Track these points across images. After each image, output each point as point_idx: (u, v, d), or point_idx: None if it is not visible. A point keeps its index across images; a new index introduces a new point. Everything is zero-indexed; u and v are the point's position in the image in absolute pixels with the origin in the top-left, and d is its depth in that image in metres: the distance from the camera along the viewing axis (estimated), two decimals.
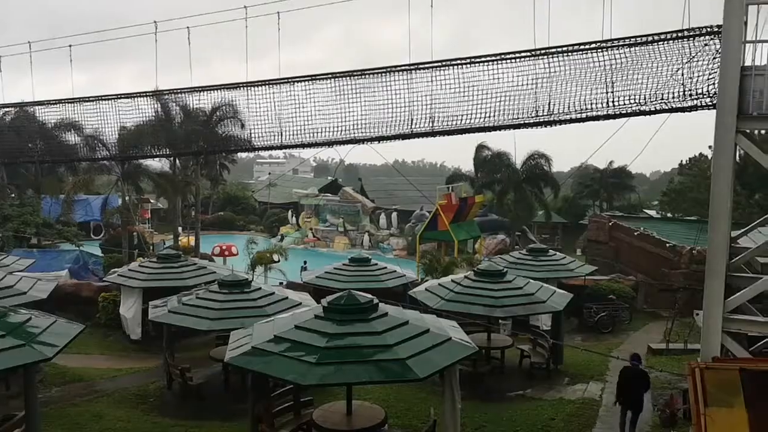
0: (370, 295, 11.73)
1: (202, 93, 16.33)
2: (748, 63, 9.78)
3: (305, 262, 34.19)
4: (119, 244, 33.43)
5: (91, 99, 17.32)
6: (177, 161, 36.89)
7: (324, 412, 12.39)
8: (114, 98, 17.12)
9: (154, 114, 19.38)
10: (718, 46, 10.71)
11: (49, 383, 16.53)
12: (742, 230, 13.98)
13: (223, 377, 16.47)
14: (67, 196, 34.41)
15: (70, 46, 18.12)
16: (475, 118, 12.92)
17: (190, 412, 15.12)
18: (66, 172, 38.32)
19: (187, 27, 16.36)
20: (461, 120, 13.07)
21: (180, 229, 41.38)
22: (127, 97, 17.06)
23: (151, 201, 50.83)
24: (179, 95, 17.31)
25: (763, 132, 28.90)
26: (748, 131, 10.20)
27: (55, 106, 17.95)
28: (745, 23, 9.76)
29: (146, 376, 17.68)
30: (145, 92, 17.55)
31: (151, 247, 37.55)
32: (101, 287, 23.49)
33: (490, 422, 14.29)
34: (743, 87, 9.72)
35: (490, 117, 12.81)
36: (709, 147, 42.25)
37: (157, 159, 34.14)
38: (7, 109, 22.22)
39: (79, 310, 21.39)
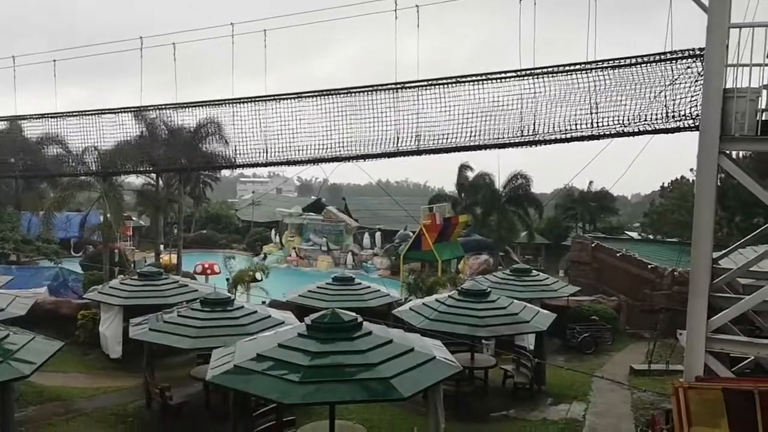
0: (354, 314, 11.66)
1: (187, 109, 16.31)
2: (729, 85, 9.93)
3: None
4: (100, 262, 33.05)
5: (74, 114, 17.23)
6: (160, 178, 36.71)
7: None
8: (98, 113, 17.04)
9: (138, 130, 19.24)
10: (700, 69, 10.86)
11: (26, 402, 16.20)
12: (724, 251, 14.10)
13: (204, 396, 16.24)
14: (46, 212, 34.04)
15: (54, 61, 18.05)
16: (461, 137, 12.99)
17: None
18: (47, 187, 37.97)
19: (173, 43, 16.37)
20: (447, 139, 13.13)
21: (162, 246, 41.05)
22: (111, 113, 16.98)
23: (133, 218, 50.41)
24: (165, 111, 17.24)
25: (742, 154, 29.43)
26: (730, 152, 10.32)
27: (38, 120, 17.85)
28: (727, 46, 9.91)
29: (125, 396, 17.39)
30: (129, 108, 17.48)
31: (132, 265, 37.18)
32: (81, 305, 23.16)
33: None
34: (725, 109, 9.86)
35: (475, 136, 12.89)
36: (691, 170, 42.82)
37: (138, 176, 34.00)
38: None
39: (57, 327, 20.97)
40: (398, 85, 13.42)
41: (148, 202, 38.24)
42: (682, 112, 11.33)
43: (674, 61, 11.39)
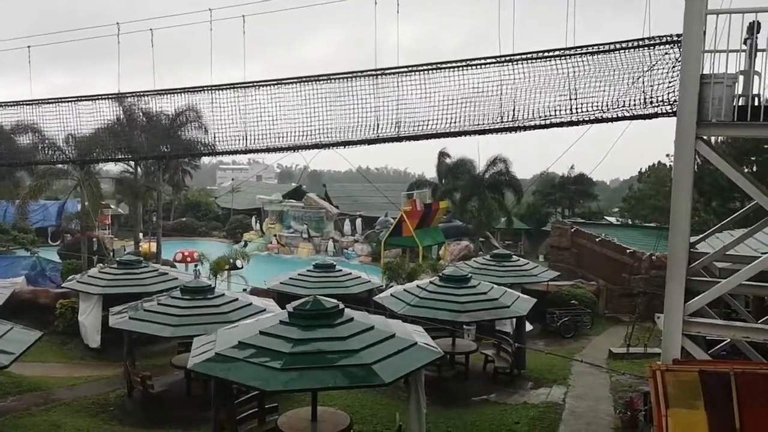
0: (335, 301, 11.68)
1: (165, 96, 16.09)
2: (706, 71, 10.00)
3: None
4: (78, 250, 32.72)
5: (50, 101, 16.95)
6: (138, 166, 36.33)
7: (289, 419, 12.28)
8: (74, 100, 16.77)
9: (116, 117, 18.91)
10: (677, 55, 10.92)
11: (5, 392, 16.07)
12: (701, 236, 14.27)
13: (186, 385, 16.21)
14: (22, 201, 33.55)
15: (29, 47, 17.69)
16: (441, 123, 12.96)
17: (152, 421, 14.86)
18: (24, 176, 37.41)
19: (150, 29, 16.13)
20: (427, 125, 13.10)
21: (141, 234, 40.73)
22: (88, 100, 16.71)
23: (111, 206, 49.92)
24: (143, 98, 16.99)
25: (720, 140, 29.81)
26: (707, 138, 10.41)
27: (12, 108, 17.53)
28: (704, 32, 9.97)
29: (106, 385, 17.33)
30: (106, 95, 17.19)
31: (111, 253, 36.87)
32: (59, 294, 23.00)
33: (454, 427, 14.31)
34: (702, 95, 9.93)
35: (455, 122, 12.87)
36: (667, 155, 43.17)
37: (117, 163, 33.61)
38: None
39: (36, 317, 20.86)
40: (378, 72, 13.35)
41: (127, 190, 37.87)
42: (660, 98, 11.37)
43: (652, 47, 11.43)
